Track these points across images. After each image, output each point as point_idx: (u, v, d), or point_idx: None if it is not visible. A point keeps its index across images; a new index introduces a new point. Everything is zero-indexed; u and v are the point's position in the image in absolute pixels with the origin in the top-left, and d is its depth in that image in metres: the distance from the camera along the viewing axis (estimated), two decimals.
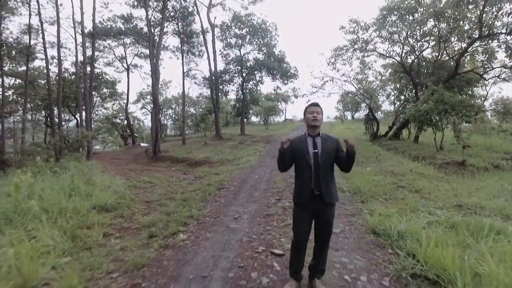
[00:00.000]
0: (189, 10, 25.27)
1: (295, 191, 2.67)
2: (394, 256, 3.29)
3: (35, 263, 3.06)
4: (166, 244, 3.86)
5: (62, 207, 4.82)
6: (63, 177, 6.89)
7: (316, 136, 2.65)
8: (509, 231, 3.61)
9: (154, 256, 3.48)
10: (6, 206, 4.48)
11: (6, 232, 3.72)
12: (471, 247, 3.23)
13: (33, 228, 3.95)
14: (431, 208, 5.14)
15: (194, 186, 7.87)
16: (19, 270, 2.94)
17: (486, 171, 10.98)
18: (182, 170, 11.77)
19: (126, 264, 3.27)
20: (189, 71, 26.01)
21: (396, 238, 3.64)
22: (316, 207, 2.55)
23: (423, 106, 13.46)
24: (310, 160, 2.57)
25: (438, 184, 7.79)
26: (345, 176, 8.18)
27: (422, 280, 2.78)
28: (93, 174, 8.15)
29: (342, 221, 4.69)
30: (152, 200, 6.34)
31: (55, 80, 24.34)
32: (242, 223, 4.67)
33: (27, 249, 3.22)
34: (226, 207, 5.69)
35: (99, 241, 4.01)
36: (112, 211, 5.36)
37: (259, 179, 8.47)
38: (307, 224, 2.59)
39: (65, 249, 3.59)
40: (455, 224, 4.09)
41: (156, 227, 4.48)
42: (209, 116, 27.87)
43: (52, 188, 5.63)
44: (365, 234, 4.09)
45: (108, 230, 4.45)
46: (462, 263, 2.75)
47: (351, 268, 3.11)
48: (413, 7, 15.90)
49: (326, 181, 2.55)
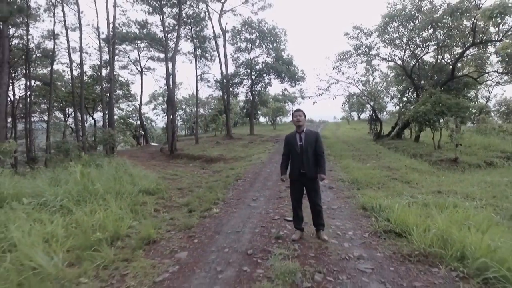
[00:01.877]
0: (201, 16, 26.72)
1: (290, 171, 3.94)
2: (374, 221, 4.48)
3: (116, 223, 4.33)
4: (204, 215, 5.11)
5: (117, 190, 6.12)
6: (106, 169, 8.23)
7: (301, 132, 3.87)
8: (464, 205, 4.76)
9: (197, 222, 4.73)
10: (78, 188, 5.79)
11: (86, 205, 5.01)
12: (433, 215, 4.38)
13: (102, 204, 5.24)
14: (414, 193, 6.29)
15: (215, 177, 9.14)
16: (106, 227, 4.20)
17: (478, 167, 12.01)
18: (199, 166, 13.06)
19: (179, 226, 4.52)
20: (202, 74, 27.37)
21: (378, 210, 4.82)
22: (304, 181, 3.81)
23: (421, 107, 14.51)
24: (298, 149, 3.83)
25: (428, 177, 8.92)
26: (346, 170, 9.34)
27: (391, 234, 3.96)
28: (127, 167, 9.49)
29: (339, 201, 5.89)
30: (182, 187, 7.63)
31: (78, 83, 25.97)
32: (260, 203, 5.90)
33: (109, 215, 4.50)
34: (245, 192, 6.93)
35: (152, 214, 5.29)
36: (154, 195, 6.64)
37: (270, 172, 9.69)
38: (298, 192, 3.90)
39: (131, 217, 4.86)
40: (427, 203, 5.24)
41: (192, 205, 5.73)
42: (220, 116, 29.16)
43: (103, 177, 6.94)
44: (356, 209, 5.28)
45: (156, 207, 5.73)
46: (420, 223, 3.91)
47: (343, 228, 4.31)
48: (413, 14, 16.95)
49: (309, 164, 3.78)
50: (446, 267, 3.01)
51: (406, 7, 17.23)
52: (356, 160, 11.84)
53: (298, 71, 26.72)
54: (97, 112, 34.07)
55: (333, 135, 26.23)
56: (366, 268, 3.07)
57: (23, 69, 24.69)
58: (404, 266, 3.10)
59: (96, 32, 28.61)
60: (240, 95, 28.90)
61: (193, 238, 4.04)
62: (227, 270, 3.06)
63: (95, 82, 29.86)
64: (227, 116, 25.50)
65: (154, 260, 3.34)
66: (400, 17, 17.40)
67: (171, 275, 2.99)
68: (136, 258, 3.37)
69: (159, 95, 46.21)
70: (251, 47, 27.43)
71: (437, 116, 14.26)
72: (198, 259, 3.36)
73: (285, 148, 4.04)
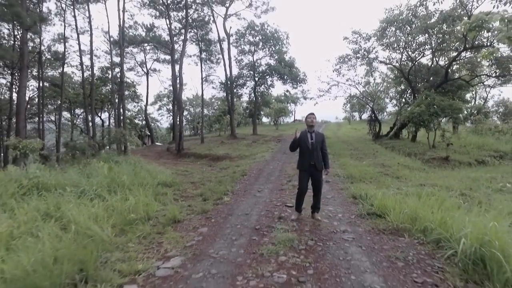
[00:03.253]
0: (206, 20, 27.67)
1: (299, 163, 4.76)
2: (361, 206, 5.33)
3: (146, 207, 5.21)
4: (217, 202, 5.98)
5: (140, 182, 7.02)
6: (124, 166, 9.14)
7: (312, 132, 4.71)
8: (438, 194, 5.61)
9: (212, 207, 5.60)
10: (107, 180, 6.68)
11: (116, 194, 5.90)
12: (407, 201, 5.22)
13: (129, 193, 6.12)
14: (401, 186, 7.13)
15: (223, 173, 10.01)
16: (137, 210, 5.07)
17: (468, 165, 12.81)
18: (207, 164, 13.96)
19: (197, 211, 5.39)
20: (207, 76, 28.32)
21: (365, 198, 5.67)
22: (312, 171, 4.64)
23: (416, 109, 15.31)
24: (309, 146, 4.65)
25: (417, 173, 9.76)
26: (343, 167, 10.19)
27: (373, 215, 4.81)
28: (142, 164, 10.40)
29: (334, 192, 6.75)
30: (195, 181, 8.52)
31: (87, 84, 27.05)
32: (264, 193, 6.77)
33: (138, 201, 5.38)
34: (250, 185, 7.80)
35: (172, 202, 6.16)
36: (171, 187, 7.53)
37: (273, 169, 10.55)
38: (306, 180, 4.69)
39: (155, 204, 5.74)
40: (410, 193, 6.08)
41: (206, 195, 6.59)
42: (224, 117, 30.07)
43: (124, 172, 7.85)
44: (347, 198, 6.14)
45: (174, 197, 6.61)
46: (397, 207, 4.76)
47: (334, 211, 5.17)
48: (410, 19, 17.75)
49: (318, 158, 4.62)
50: (411, 237, 3.86)
51: (402, 12, 18.05)
52: (354, 159, 12.69)
53: (300, 73, 27.59)
54: (104, 112, 35.16)
55: (334, 135, 27.06)
56: (349, 237, 3.93)
57: (33, 71, 25.71)
58: (378, 236, 3.96)
59: (105, 36, 29.71)
60: (244, 96, 29.84)
61: (210, 218, 4.92)
62: (240, 239, 3.93)
63: (103, 84, 30.95)
64: (231, 117, 26.41)
65: (181, 233, 4.21)
66: (397, 22, 18.22)
67: (197, 242, 3.86)
68: (167, 232, 4.25)
69: (164, 96, 47.29)
70: (254, 50, 28.35)
71: (431, 117, 15.06)
72: (216, 232, 4.23)
73: (293, 143, 4.78)
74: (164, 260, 3.30)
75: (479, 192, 6.69)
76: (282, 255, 3.37)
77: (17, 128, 13.64)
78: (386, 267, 3.10)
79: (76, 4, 22.81)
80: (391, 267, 3.10)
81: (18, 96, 14.16)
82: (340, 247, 3.63)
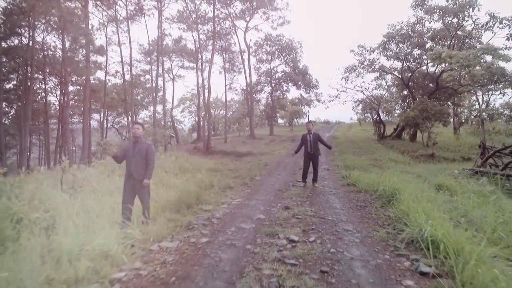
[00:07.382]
0: (228, 31, 31.04)
1: (304, 153, 7.82)
2: (345, 181, 8.31)
3: (210, 179, 8.35)
4: (252, 179, 9.10)
5: (195, 167, 10.22)
6: (166, 158, 12.40)
7: (311, 134, 7.76)
8: (408, 178, 8.51)
9: (249, 182, 8.71)
10: (174, 166, 9.91)
11: (185, 174, 9.09)
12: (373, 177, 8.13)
13: (194, 173, 9.29)
14: (379, 172, 10.01)
15: (250, 165, 13.13)
16: (204, 181, 8.22)
17: (453, 161, 15.38)
18: (234, 159, 17.13)
19: (239, 183, 8.50)
20: (230, 84, 31.68)
21: (349, 177, 8.63)
22: (310, 157, 7.70)
23: (411, 113, 17.97)
24: (308, 142, 7.70)
25: (401, 165, 12.54)
26: (343, 160, 13.09)
27: (351, 185, 7.78)
28: (187, 157, 13.67)
29: (331, 174, 9.75)
30: (231, 169, 11.67)
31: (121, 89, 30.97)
32: (282, 176, 9.83)
33: (211, 176, 8.55)
34: (272, 171, 10.87)
35: (220, 180, 9.30)
36: (215, 172, 10.70)
37: (289, 161, 13.59)
38: (308, 163, 7.77)
39: (212, 179, 8.88)
40: (378, 174, 8.95)
41: (242, 176, 9.71)
42: (243, 119, 33.29)
43: (181, 161, 11.08)
44: (339, 179, 9.12)
45: (220, 178, 9.75)
46: (365, 180, 7.68)
47: (327, 184, 8.18)
48: (409, 34, 20.37)
49: (315, 149, 7.66)
50: (366, 193, 6.84)
51: (403, 28, 20.68)
52: (355, 155, 15.54)
53: (312, 79, 30.48)
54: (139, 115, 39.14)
55: (343, 136, 29.76)
56: (331, 193, 6.95)
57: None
58: (348, 193, 6.96)
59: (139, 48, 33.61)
60: (261, 100, 33.00)
61: (251, 186, 8.04)
62: (270, 194, 7.01)
63: (138, 89, 34.85)
64: (250, 119, 29.60)
65: (236, 192, 7.33)
66: (398, 36, 20.87)
67: (247, 194, 6.98)
68: (226, 191, 7.38)
69: (187, 99, 51.03)
70: (271, 58, 31.46)
71: (423, 120, 17.68)
72: (255, 192, 7.33)
73: (301, 141, 7.93)
74: (233, 200, 6.43)
75: (440, 176, 9.46)
76: (294, 198, 6.44)
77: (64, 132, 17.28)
78: (346, 202, 6.12)
79: (117, 21, 26.60)
80: (349, 203, 6.11)
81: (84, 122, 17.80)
82: (325, 196, 6.67)
